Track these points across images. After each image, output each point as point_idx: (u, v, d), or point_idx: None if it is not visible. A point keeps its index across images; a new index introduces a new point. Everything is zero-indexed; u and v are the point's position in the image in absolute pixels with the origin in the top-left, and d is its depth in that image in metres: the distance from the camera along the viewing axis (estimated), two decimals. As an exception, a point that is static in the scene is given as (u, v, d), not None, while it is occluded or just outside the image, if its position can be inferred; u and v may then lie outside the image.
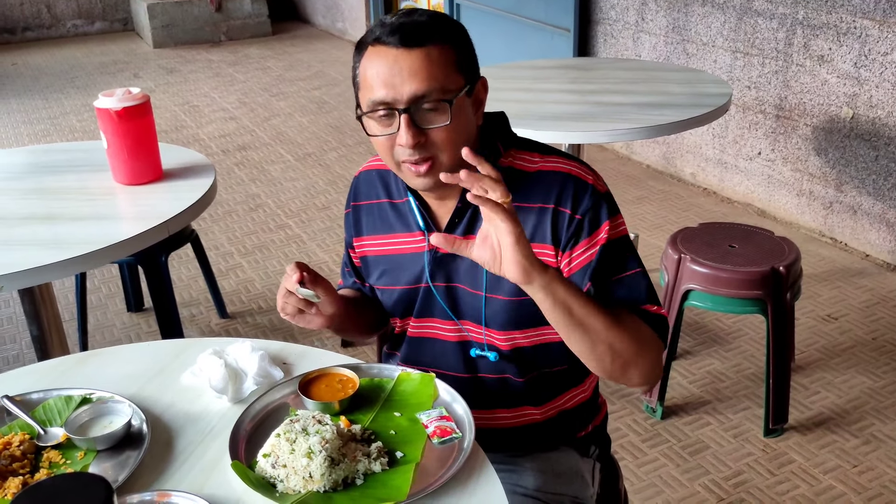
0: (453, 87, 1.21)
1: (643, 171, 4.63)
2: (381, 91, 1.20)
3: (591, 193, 1.28)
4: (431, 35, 1.20)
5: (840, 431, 2.48)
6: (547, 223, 1.28)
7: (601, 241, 1.27)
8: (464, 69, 1.23)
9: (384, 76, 1.19)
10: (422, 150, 1.22)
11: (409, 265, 1.39)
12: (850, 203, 3.56)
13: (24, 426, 1.24)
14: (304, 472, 1.09)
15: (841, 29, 3.38)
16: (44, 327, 2.18)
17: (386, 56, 1.19)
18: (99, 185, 2.16)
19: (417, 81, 1.18)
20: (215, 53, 7.87)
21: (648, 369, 1.22)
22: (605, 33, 4.73)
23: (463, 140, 1.24)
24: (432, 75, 1.19)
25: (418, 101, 1.19)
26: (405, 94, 1.19)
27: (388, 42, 1.19)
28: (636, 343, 1.20)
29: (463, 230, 1.33)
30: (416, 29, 1.19)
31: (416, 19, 1.21)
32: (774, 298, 2.33)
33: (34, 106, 6.32)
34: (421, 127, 1.21)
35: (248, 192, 4.54)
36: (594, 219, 1.27)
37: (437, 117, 1.21)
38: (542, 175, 1.30)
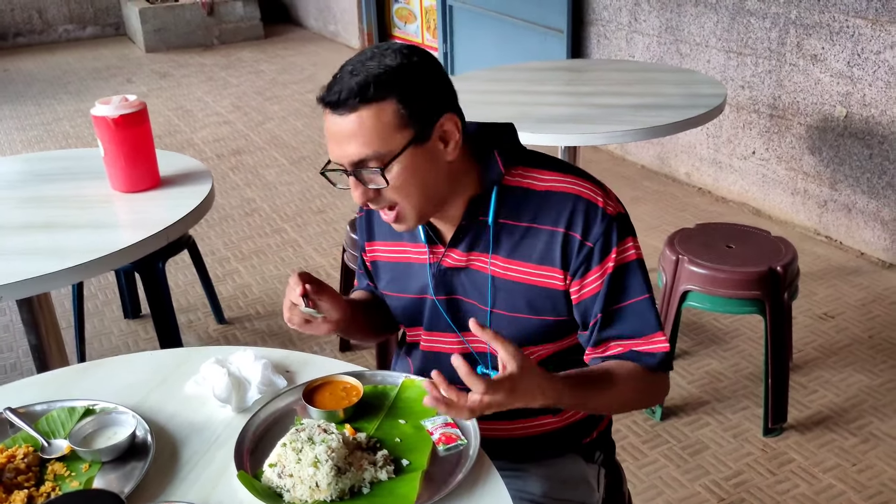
0: (392, 149, 1.19)
1: (638, 171, 4.64)
2: (331, 151, 1.23)
3: (602, 218, 1.27)
4: (363, 96, 1.16)
5: (839, 430, 2.49)
6: (556, 247, 1.28)
7: (608, 270, 1.28)
8: (412, 120, 1.19)
9: (330, 139, 1.22)
10: (379, 202, 1.25)
11: (415, 275, 1.39)
12: (845, 201, 3.57)
13: (27, 438, 1.23)
14: (310, 482, 1.09)
15: (833, 28, 3.40)
16: (42, 336, 2.17)
17: (329, 119, 1.21)
18: (96, 192, 2.16)
19: (352, 148, 1.19)
20: (208, 57, 7.85)
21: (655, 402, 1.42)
22: (599, 34, 4.73)
23: (418, 189, 1.23)
24: (366, 142, 1.18)
25: (356, 166, 1.21)
26: (346, 160, 1.21)
27: (326, 104, 1.20)
28: (644, 395, 1.34)
29: (467, 246, 1.33)
30: (350, 92, 1.16)
31: (352, 81, 1.17)
32: (772, 298, 2.34)
33: (27, 112, 6.30)
34: (367, 186, 1.22)
35: (243, 196, 4.53)
36: (604, 246, 1.27)
37: (375, 180, 1.21)
38: (551, 196, 1.29)
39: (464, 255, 1.33)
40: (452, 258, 1.34)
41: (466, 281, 1.35)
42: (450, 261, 1.35)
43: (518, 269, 1.30)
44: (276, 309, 3.34)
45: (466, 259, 1.33)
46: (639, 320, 1.29)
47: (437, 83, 1.24)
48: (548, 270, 1.29)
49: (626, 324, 1.29)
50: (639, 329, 1.29)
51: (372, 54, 1.21)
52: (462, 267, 1.34)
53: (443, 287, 1.36)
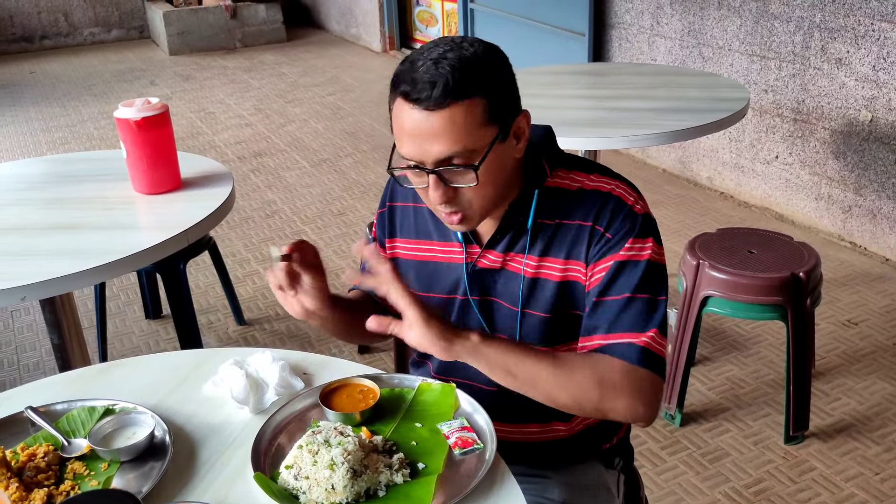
0: (481, 145, 1.17)
1: (659, 175, 4.61)
2: (408, 148, 1.18)
3: (627, 214, 1.26)
4: (458, 92, 1.13)
5: (861, 438, 2.45)
6: (584, 241, 1.27)
7: (618, 258, 1.25)
8: (496, 117, 1.18)
9: (410, 135, 1.17)
10: (452, 205, 1.21)
11: (444, 275, 1.38)
12: (870, 207, 3.53)
13: (48, 437, 1.25)
14: (326, 484, 1.09)
15: (859, 32, 3.36)
16: (64, 335, 2.19)
17: (411, 115, 1.15)
18: (119, 194, 2.18)
19: (441, 145, 1.15)
20: (230, 60, 7.91)
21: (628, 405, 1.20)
22: (620, 37, 4.71)
23: (497, 187, 1.23)
24: (456, 139, 1.15)
25: (444, 164, 1.17)
26: (430, 158, 1.17)
27: (412, 100, 1.15)
28: (599, 386, 1.19)
29: (504, 247, 1.32)
30: (442, 88, 1.12)
31: (443, 73, 1.13)
32: (794, 304, 2.31)
33: (52, 114, 6.38)
34: (449, 185, 1.19)
35: (264, 198, 4.55)
36: (621, 238, 1.25)
37: (463, 178, 1.19)
38: (584, 193, 1.28)
39: (500, 257, 1.32)
40: (489, 259, 1.33)
41: (500, 282, 1.34)
42: (486, 262, 1.33)
43: (548, 265, 1.29)
44: (296, 311, 3.35)
45: (502, 260, 1.32)
46: (631, 318, 1.23)
47: (513, 78, 1.22)
48: (573, 264, 1.28)
49: (614, 318, 1.23)
50: (624, 325, 1.22)
51: (449, 46, 1.16)
52: (497, 268, 1.33)
53: (476, 288, 1.35)
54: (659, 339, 1.23)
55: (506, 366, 1.18)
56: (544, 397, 1.21)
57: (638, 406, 1.20)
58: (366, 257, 1.18)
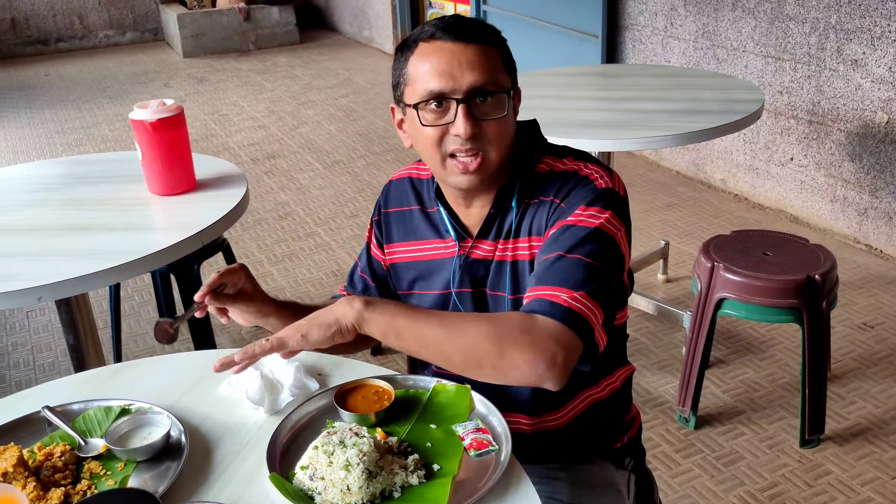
0: (506, 85, 1.27)
1: (672, 177, 4.60)
2: (437, 82, 1.23)
3: (586, 184, 1.27)
4: (484, 35, 1.25)
5: (878, 442, 2.43)
6: (544, 215, 1.29)
7: (565, 222, 1.23)
8: (511, 72, 1.29)
9: (441, 68, 1.22)
10: (475, 142, 1.24)
11: (441, 270, 1.40)
12: (886, 209, 3.50)
13: (64, 437, 1.25)
14: (342, 485, 1.09)
15: (875, 33, 3.34)
16: (80, 336, 2.21)
17: (443, 49, 1.23)
18: (134, 195, 2.19)
19: (476, 73, 1.22)
20: (244, 62, 7.94)
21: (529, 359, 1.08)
22: (634, 39, 4.70)
23: (510, 139, 1.29)
24: (489, 69, 1.23)
25: (475, 93, 1.23)
26: (464, 85, 1.22)
27: (443, 37, 1.23)
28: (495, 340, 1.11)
29: (494, 236, 1.34)
30: (471, 26, 1.25)
31: (468, 20, 1.26)
32: (810, 307, 2.30)
33: (67, 116, 6.42)
34: (477, 118, 1.24)
35: (277, 200, 4.57)
36: (571, 206, 1.25)
37: (493, 110, 1.24)
38: (560, 174, 1.31)
39: (492, 245, 1.35)
40: (481, 250, 1.36)
41: (494, 272, 1.35)
42: (478, 252, 1.36)
43: (527, 245, 1.31)
44: (309, 312, 3.36)
45: (493, 249, 1.35)
46: (561, 274, 1.16)
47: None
48: (537, 241, 1.30)
49: (546, 273, 1.18)
50: (555, 282, 1.16)
51: (463, 16, 1.29)
52: (489, 259, 1.35)
53: (469, 280, 1.37)
54: (585, 301, 1.13)
55: (396, 329, 1.15)
56: (439, 358, 1.16)
57: (539, 362, 1.08)
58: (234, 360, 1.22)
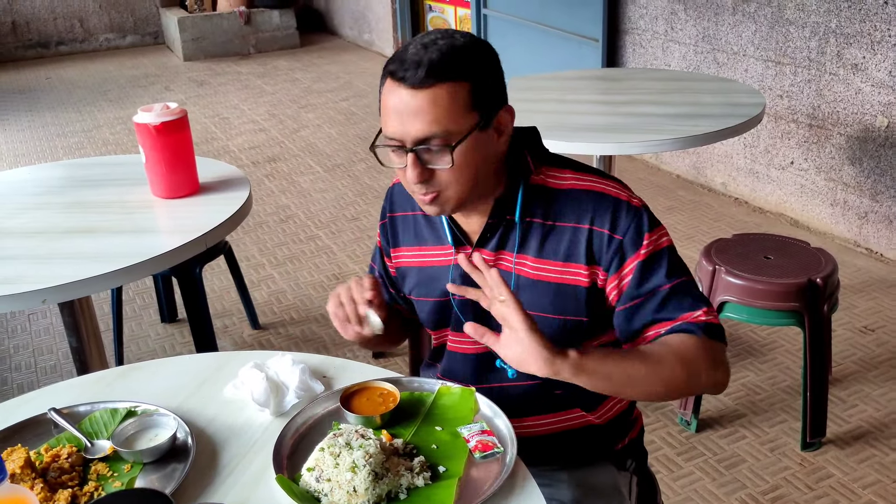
0: (461, 129, 1.20)
1: (673, 181, 4.60)
2: (392, 127, 1.21)
3: (627, 210, 1.27)
4: (444, 73, 1.17)
5: (879, 445, 2.44)
6: (581, 243, 1.28)
7: (641, 258, 1.27)
8: (479, 104, 1.21)
9: (394, 113, 1.20)
10: (427, 186, 1.24)
11: (440, 277, 1.40)
12: (886, 213, 3.51)
13: (71, 439, 1.26)
14: (348, 487, 1.09)
15: (875, 37, 3.35)
16: (83, 339, 2.21)
17: (397, 93, 1.19)
18: (137, 198, 2.19)
19: (421, 124, 1.18)
20: (244, 66, 7.95)
21: (710, 377, 1.23)
22: (634, 43, 4.71)
23: (471, 174, 1.24)
24: (436, 119, 1.18)
25: (422, 143, 1.20)
26: (409, 136, 1.20)
27: (399, 78, 1.19)
28: (684, 367, 1.20)
29: (495, 246, 1.33)
30: (429, 68, 1.16)
31: (432, 56, 1.17)
32: (811, 310, 2.30)
33: (68, 119, 6.43)
34: (426, 166, 1.22)
35: (278, 203, 4.57)
36: (636, 236, 1.27)
37: (440, 159, 1.21)
38: (575, 193, 1.30)
39: (491, 255, 1.34)
40: None
41: None
42: None
43: (544, 267, 1.31)
44: (311, 315, 3.37)
45: (494, 259, 1.34)
46: (679, 301, 1.26)
47: (499, 72, 1.26)
48: (573, 267, 1.29)
49: (667, 306, 1.26)
50: (680, 309, 1.25)
51: (441, 35, 1.22)
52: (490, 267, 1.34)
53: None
54: (712, 312, 1.27)
55: (606, 375, 1.17)
56: (640, 394, 1.24)
57: (717, 375, 1.23)
58: (476, 263, 1.16)
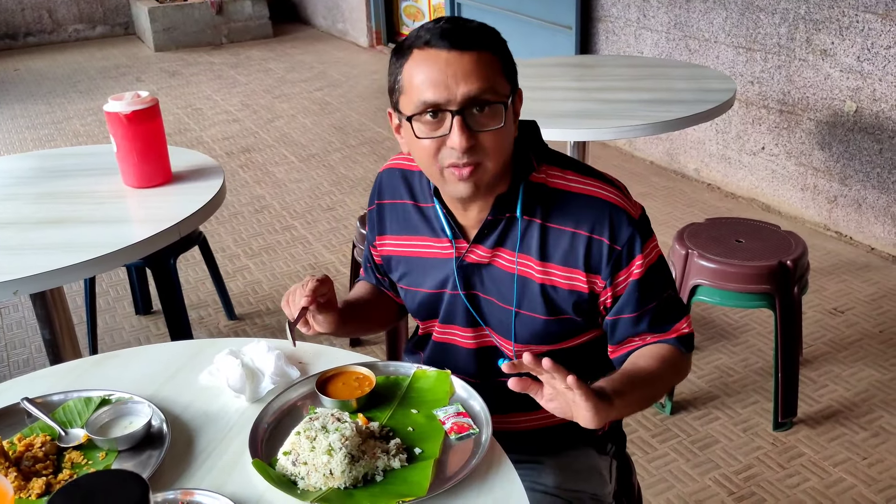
0: (504, 92, 1.22)
1: (647, 167, 4.64)
2: (432, 93, 1.18)
3: (628, 222, 1.27)
4: (481, 41, 1.20)
5: (849, 424, 2.49)
6: (580, 249, 1.28)
7: (635, 276, 1.28)
8: (509, 77, 1.24)
9: (435, 78, 1.17)
10: (471, 154, 1.20)
11: (433, 269, 1.38)
12: (855, 196, 3.56)
13: (45, 428, 1.25)
14: (324, 469, 1.10)
15: (843, 23, 3.39)
16: (56, 331, 2.19)
17: (437, 58, 1.18)
18: (109, 188, 2.17)
19: (472, 82, 1.17)
20: (217, 56, 7.88)
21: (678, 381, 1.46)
22: (607, 30, 4.73)
23: (509, 147, 1.25)
24: (485, 77, 1.18)
25: (471, 104, 1.18)
26: (459, 96, 1.17)
27: (438, 45, 1.18)
28: (675, 377, 1.37)
29: (493, 243, 1.32)
30: (467, 33, 1.19)
31: (465, 25, 1.21)
32: (782, 292, 2.34)
33: (37, 111, 6.34)
34: (473, 129, 1.20)
35: (253, 193, 4.55)
36: (632, 249, 1.28)
37: (490, 120, 1.20)
38: (576, 198, 1.29)
39: (488, 252, 1.32)
40: (476, 254, 1.33)
41: (487, 278, 1.34)
42: (474, 257, 1.34)
43: (547, 270, 1.30)
44: (287, 305, 3.36)
45: (490, 255, 1.33)
46: (668, 315, 1.33)
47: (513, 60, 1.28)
48: (571, 272, 1.29)
49: (657, 321, 1.32)
50: (667, 323, 1.33)
51: (458, 18, 1.25)
52: (485, 263, 1.33)
53: (464, 283, 1.36)
54: (688, 319, 1.36)
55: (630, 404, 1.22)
56: (647, 405, 1.35)
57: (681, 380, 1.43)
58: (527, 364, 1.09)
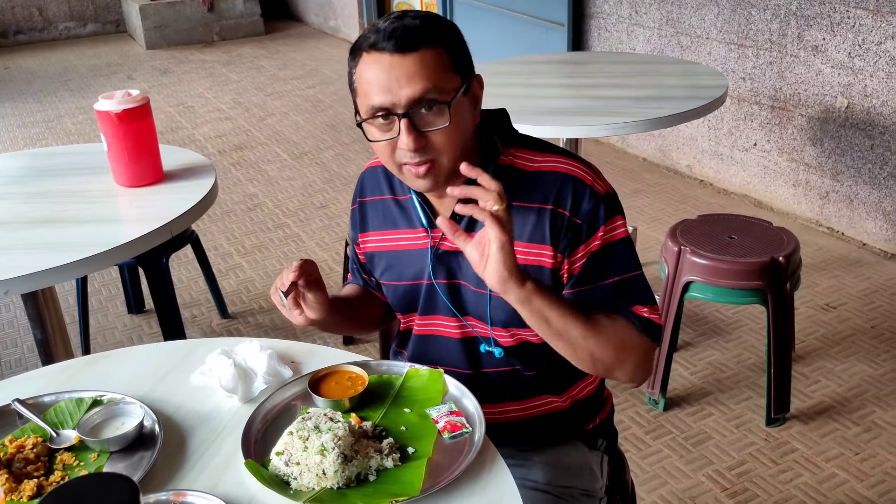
0: (450, 88, 1.22)
1: (639, 164, 4.64)
2: (378, 97, 1.20)
3: (590, 195, 1.28)
4: (424, 38, 1.20)
5: (841, 420, 2.50)
6: (546, 224, 1.29)
7: (594, 248, 1.28)
8: (459, 69, 1.24)
9: (381, 82, 1.20)
10: (422, 153, 1.23)
11: (411, 261, 1.40)
12: (847, 192, 3.57)
13: (36, 429, 1.24)
14: (317, 469, 1.10)
15: (834, 19, 3.40)
16: (48, 331, 2.18)
17: (381, 62, 1.19)
18: (100, 187, 2.16)
19: (414, 85, 1.19)
20: (208, 54, 7.86)
21: (632, 370, 1.29)
22: (599, 27, 4.73)
23: (462, 140, 1.25)
24: (428, 77, 1.19)
25: (416, 105, 1.20)
26: (403, 99, 1.19)
27: (382, 48, 1.19)
28: (616, 349, 1.27)
29: (465, 227, 1.33)
30: (410, 33, 1.19)
31: (409, 23, 1.20)
32: (774, 288, 2.34)
33: (28, 109, 6.31)
34: (421, 130, 1.22)
35: (245, 191, 4.54)
36: (592, 223, 1.28)
37: (435, 119, 1.21)
38: (542, 175, 1.31)
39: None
40: (450, 241, 1.34)
41: (464, 264, 1.35)
42: (448, 244, 1.35)
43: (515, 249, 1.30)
44: (280, 303, 3.35)
45: None
46: (625, 295, 1.30)
47: (467, 46, 1.29)
48: (539, 248, 1.30)
49: (613, 298, 1.30)
50: (625, 303, 1.30)
51: (408, 11, 1.24)
52: (459, 249, 1.34)
53: (441, 271, 1.37)
54: (656, 311, 1.32)
55: (546, 315, 1.21)
56: (567, 351, 1.26)
57: (638, 371, 1.31)
58: (467, 172, 1.15)
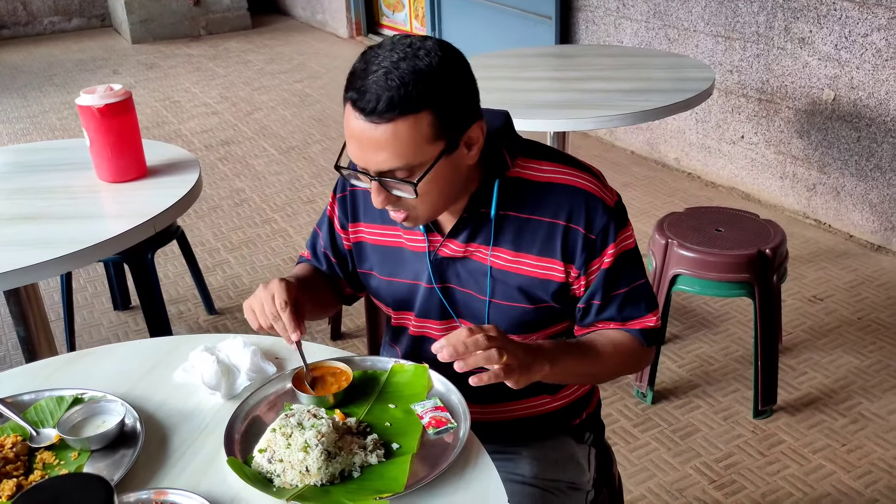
0: (425, 160, 1.16)
1: (627, 157, 4.64)
2: (354, 154, 1.19)
3: (603, 210, 1.28)
4: (404, 106, 1.10)
5: (828, 411, 2.50)
6: (557, 239, 1.28)
7: (607, 261, 1.30)
8: (445, 131, 1.15)
9: (355, 143, 1.16)
10: (395, 207, 1.23)
11: (408, 262, 1.38)
12: (833, 184, 3.58)
13: (16, 428, 1.23)
14: (300, 466, 1.09)
15: (821, 11, 3.40)
16: (31, 328, 2.16)
17: (356, 123, 1.14)
18: (83, 183, 2.14)
19: (382, 158, 1.14)
20: (195, 48, 7.81)
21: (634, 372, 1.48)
22: (587, 20, 4.73)
23: (441, 192, 1.22)
24: (397, 154, 1.14)
25: (384, 175, 1.17)
26: (371, 166, 1.17)
27: (357, 108, 1.13)
28: (627, 366, 1.39)
29: (466, 237, 1.32)
30: (386, 101, 1.10)
31: (391, 83, 1.10)
32: (761, 281, 2.35)
33: (12, 105, 6.25)
34: (390, 192, 1.20)
35: (232, 186, 4.51)
36: (606, 237, 1.29)
37: (403, 189, 1.18)
38: (551, 187, 1.29)
39: (462, 246, 1.32)
40: (450, 248, 1.33)
41: (462, 271, 1.34)
42: (447, 251, 1.34)
43: (519, 260, 1.30)
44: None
45: (464, 249, 1.33)
46: (635, 304, 1.34)
47: (469, 88, 1.19)
48: (549, 262, 1.30)
49: (624, 308, 1.33)
50: (635, 313, 1.34)
51: (404, 53, 1.12)
52: (459, 257, 1.33)
53: (439, 276, 1.36)
54: (657, 314, 1.36)
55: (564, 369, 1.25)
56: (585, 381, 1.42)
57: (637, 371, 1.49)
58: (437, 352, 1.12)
